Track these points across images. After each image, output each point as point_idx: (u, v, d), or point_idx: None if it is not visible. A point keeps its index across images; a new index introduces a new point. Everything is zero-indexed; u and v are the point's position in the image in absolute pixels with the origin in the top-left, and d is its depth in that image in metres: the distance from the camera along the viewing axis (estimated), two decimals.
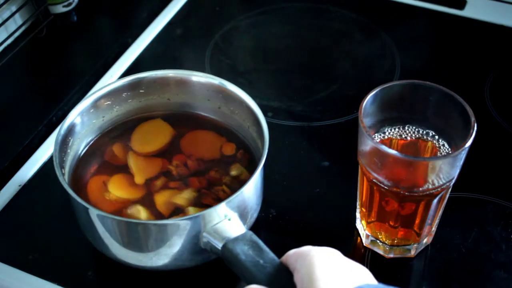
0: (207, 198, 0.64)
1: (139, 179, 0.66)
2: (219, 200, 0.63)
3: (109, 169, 0.67)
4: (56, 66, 0.88)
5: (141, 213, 0.63)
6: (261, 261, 0.53)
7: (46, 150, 0.76)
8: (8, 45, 0.85)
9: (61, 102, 0.82)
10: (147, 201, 0.64)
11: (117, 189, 0.65)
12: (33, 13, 0.88)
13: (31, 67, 0.89)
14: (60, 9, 0.91)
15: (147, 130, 0.70)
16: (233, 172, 0.66)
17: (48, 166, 0.74)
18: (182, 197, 0.64)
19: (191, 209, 0.63)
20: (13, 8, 0.85)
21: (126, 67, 0.87)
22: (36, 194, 0.72)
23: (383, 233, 0.64)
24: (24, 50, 0.86)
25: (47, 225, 0.69)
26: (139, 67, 0.88)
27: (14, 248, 0.67)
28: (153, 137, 0.70)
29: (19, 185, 0.72)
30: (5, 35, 0.84)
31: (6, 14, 0.84)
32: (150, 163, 0.68)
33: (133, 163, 0.67)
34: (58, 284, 0.63)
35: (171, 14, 0.96)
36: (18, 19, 0.87)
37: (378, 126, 0.62)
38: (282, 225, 0.68)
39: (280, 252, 0.54)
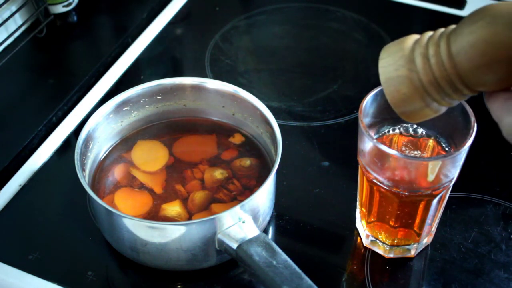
0: (219, 193, 0.66)
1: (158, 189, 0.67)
2: (230, 192, 0.66)
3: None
4: (56, 66, 0.88)
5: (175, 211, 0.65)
6: (274, 262, 0.56)
7: (46, 150, 0.76)
8: (8, 45, 0.86)
9: (61, 102, 0.82)
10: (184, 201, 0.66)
11: (122, 203, 0.66)
12: (33, 13, 0.88)
13: (31, 67, 0.89)
14: (60, 9, 0.91)
15: (145, 149, 0.71)
16: (244, 162, 0.69)
17: (48, 166, 0.74)
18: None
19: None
20: (13, 8, 0.85)
21: (126, 67, 0.87)
22: (36, 194, 0.72)
23: (383, 233, 0.64)
24: (24, 50, 0.86)
25: (47, 225, 0.69)
26: (139, 67, 0.88)
27: (14, 248, 0.67)
28: (153, 156, 0.71)
29: (19, 185, 0.72)
30: (5, 35, 0.84)
31: (6, 14, 0.84)
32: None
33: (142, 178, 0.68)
34: (58, 284, 0.63)
35: (171, 14, 0.96)
36: (18, 19, 0.87)
37: (378, 126, 0.62)
38: (281, 225, 0.68)
39: None
